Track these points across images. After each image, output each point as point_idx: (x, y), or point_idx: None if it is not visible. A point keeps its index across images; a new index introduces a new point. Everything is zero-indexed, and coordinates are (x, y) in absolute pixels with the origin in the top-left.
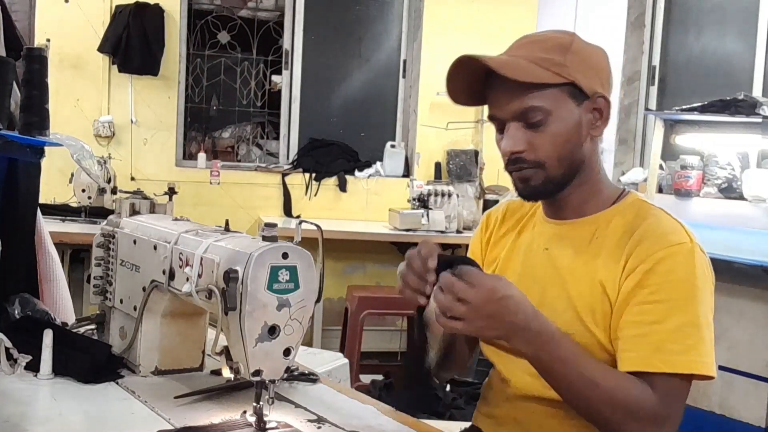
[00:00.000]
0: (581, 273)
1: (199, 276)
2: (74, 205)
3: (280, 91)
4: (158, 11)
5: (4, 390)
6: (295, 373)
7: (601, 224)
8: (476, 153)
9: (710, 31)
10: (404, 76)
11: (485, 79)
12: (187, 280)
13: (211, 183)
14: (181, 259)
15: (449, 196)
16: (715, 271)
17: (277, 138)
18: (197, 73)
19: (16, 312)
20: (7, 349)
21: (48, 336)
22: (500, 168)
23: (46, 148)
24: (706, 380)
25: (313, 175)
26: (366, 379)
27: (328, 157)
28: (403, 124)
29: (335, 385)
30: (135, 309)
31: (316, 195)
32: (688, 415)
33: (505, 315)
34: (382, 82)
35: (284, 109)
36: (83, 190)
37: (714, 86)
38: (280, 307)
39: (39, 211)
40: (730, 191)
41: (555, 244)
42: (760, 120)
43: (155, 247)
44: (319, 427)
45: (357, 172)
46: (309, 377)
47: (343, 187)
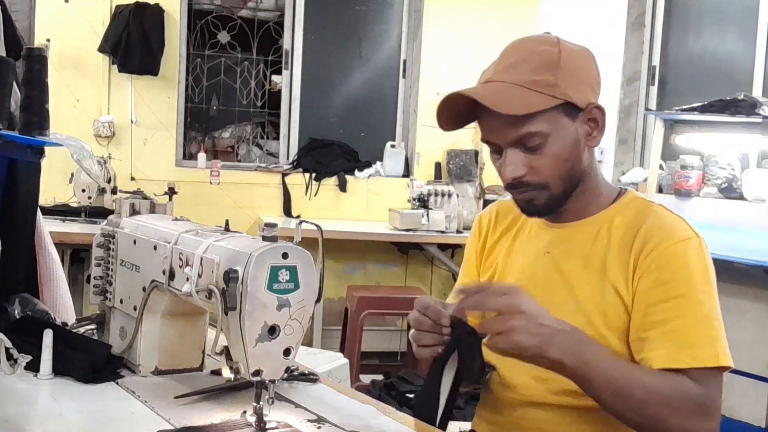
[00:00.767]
0: (588, 275)
1: (199, 276)
2: (74, 205)
3: (280, 91)
4: (158, 11)
5: (4, 390)
6: (295, 373)
7: (603, 225)
8: (476, 153)
9: (710, 31)
10: (404, 76)
11: (475, 103)
12: (187, 280)
13: (211, 183)
14: (181, 259)
15: (449, 196)
16: (715, 271)
17: (277, 138)
18: (197, 73)
19: (16, 312)
20: (7, 349)
21: (48, 336)
22: None
23: (46, 148)
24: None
25: (313, 175)
26: (366, 379)
27: (328, 157)
28: (403, 124)
29: (335, 385)
30: (135, 309)
31: (316, 195)
32: None
33: (549, 316)
34: (382, 82)
35: (284, 109)
36: (83, 190)
37: (714, 86)
38: (280, 307)
39: (39, 211)
40: (730, 191)
41: (556, 248)
42: (760, 120)
43: (155, 247)
44: (319, 427)
45: (357, 172)
46: (309, 377)
47: (343, 187)
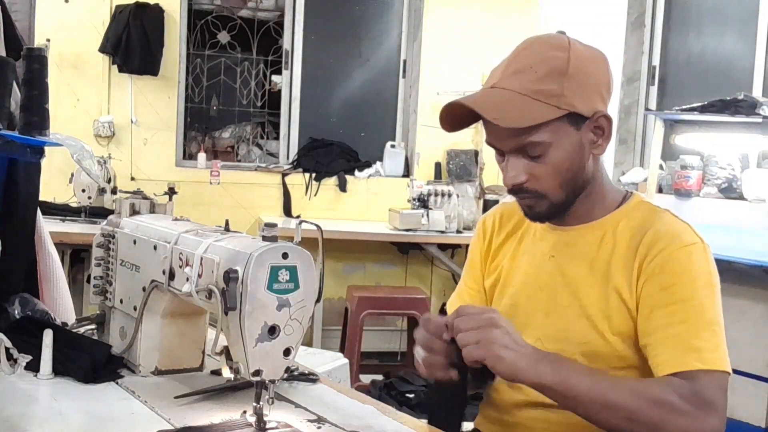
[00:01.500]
0: (593, 280)
1: (199, 276)
2: (74, 205)
3: (280, 91)
4: (158, 11)
5: (4, 390)
6: (295, 373)
7: (608, 229)
8: (476, 153)
9: (710, 31)
10: (404, 76)
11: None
12: (187, 280)
13: (211, 183)
14: (181, 259)
15: (449, 196)
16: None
17: (277, 138)
18: (197, 73)
19: (16, 312)
20: (7, 349)
21: (48, 336)
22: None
23: (46, 148)
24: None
25: (313, 175)
26: (366, 379)
27: (328, 157)
28: (403, 124)
29: (335, 385)
30: (135, 309)
31: (316, 195)
32: None
33: (528, 344)
34: (382, 82)
35: (284, 109)
36: (83, 190)
37: (714, 86)
38: (280, 307)
39: (39, 211)
40: (730, 191)
41: (561, 252)
42: (760, 120)
43: (155, 247)
44: (319, 427)
45: (357, 172)
46: (309, 377)
47: (343, 187)
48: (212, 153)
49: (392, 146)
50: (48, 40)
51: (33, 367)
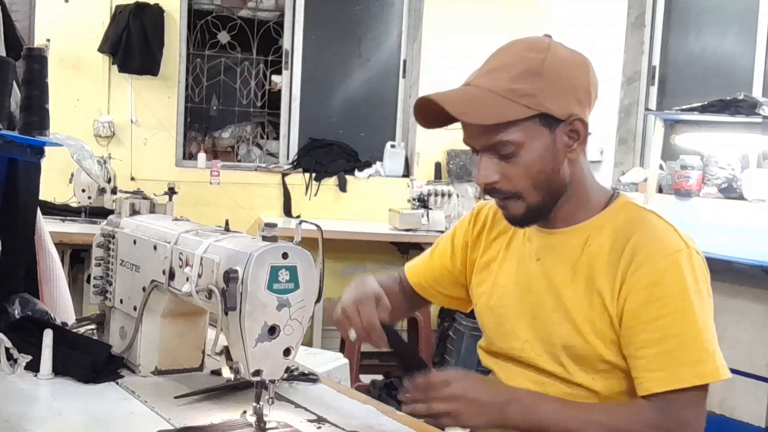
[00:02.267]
0: (576, 284)
1: (199, 276)
2: (74, 205)
3: (280, 91)
4: (158, 11)
5: (4, 390)
6: (295, 373)
7: (593, 232)
8: None
9: (710, 31)
10: (404, 76)
11: None
12: (187, 280)
13: (211, 183)
14: (181, 259)
15: (449, 196)
16: (715, 271)
17: (277, 138)
18: (197, 73)
19: (16, 312)
20: (7, 349)
21: (48, 336)
22: None
23: (46, 148)
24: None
25: (313, 175)
26: (366, 379)
27: (328, 157)
28: (403, 124)
29: (335, 385)
30: (135, 309)
31: (316, 195)
32: None
33: (497, 392)
34: (382, 82)
35: (284, 109)
36: (83, 190)
37: (714, 86)
38: (280, 307)
39: (39, 211)
40: (730, 191)
41: (547, 255)
42: (760, 120)
43: (155, 247)
44: (319, 427)
45: (357, 172)
46: (309, 377)
47: (343, 187)
48: (212, 153)
49: (392, 146)
50: (48, 40)
51: (33, 367)
